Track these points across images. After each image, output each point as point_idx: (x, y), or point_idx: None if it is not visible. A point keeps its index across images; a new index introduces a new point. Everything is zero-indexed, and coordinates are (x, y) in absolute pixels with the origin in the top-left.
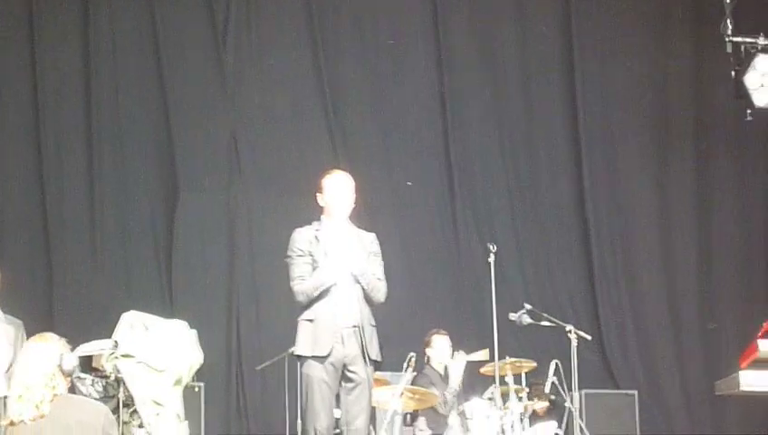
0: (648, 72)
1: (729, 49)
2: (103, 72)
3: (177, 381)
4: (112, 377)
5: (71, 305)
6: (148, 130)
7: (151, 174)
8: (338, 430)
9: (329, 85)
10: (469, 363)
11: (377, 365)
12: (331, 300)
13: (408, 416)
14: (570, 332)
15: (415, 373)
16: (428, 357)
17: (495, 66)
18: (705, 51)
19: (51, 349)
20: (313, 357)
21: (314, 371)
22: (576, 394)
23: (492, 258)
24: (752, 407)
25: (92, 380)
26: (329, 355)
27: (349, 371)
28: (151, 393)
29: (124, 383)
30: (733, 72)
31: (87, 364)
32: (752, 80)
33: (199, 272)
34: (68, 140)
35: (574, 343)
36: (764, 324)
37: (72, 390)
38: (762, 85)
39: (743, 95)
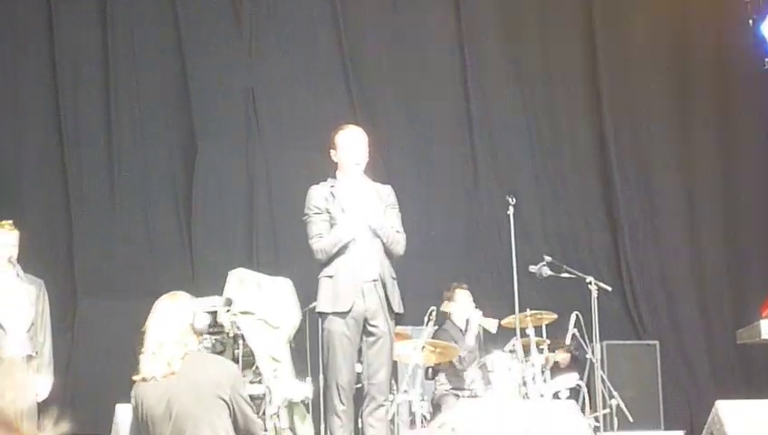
0: (669, 23)
1: None
2: (120, 24)
3: (288, 339)
4: (231, 333)
5: (92, 261)
6: (166, 83)
7: (170, 127)
8: (360, 385)
9: (347, 39)
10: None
11: (398, 318)
12: (351, 255)
13: (430, 370)
14: (590, 283)
15: (436, 327)
16: (449, 311)
17: (516, 20)
18: (725, 1)
19: (183, 307)
20: (334, 313)
21: (336, 326)
22: (597, 345)
23: (511, 211)
24: None
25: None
26: (350, 310)
27: (370, 325)
28: (269, 350)
29: (243, 339)
30: (750, 21)
31: None
32: None
33: (219, 224)
34: (86, 93)
35: (594, 294)
36: None
37: None
38: None
39: (760, 43)
